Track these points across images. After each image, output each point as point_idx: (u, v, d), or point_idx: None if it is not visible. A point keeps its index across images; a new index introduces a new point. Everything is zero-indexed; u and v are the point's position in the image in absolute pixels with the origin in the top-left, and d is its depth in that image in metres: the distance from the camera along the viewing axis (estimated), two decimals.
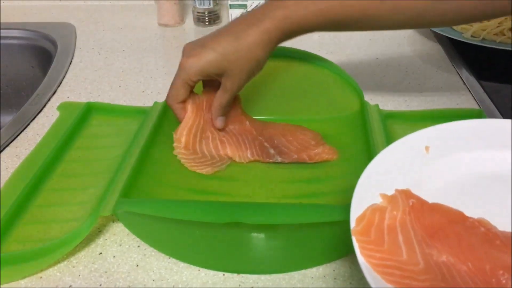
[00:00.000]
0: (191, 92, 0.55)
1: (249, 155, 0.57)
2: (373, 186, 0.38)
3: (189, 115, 0.56)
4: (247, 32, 0.49)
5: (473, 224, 0.35)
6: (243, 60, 0.50)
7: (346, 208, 0.37)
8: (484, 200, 0.38)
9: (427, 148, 0.42)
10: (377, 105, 0.61)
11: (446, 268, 0.32)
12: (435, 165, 0.41)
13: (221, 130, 0.58)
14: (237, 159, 0.57)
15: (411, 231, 0.34)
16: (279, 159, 0.57)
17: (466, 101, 0.67)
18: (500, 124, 0.43)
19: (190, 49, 0.52)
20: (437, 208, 0.36)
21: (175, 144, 0.56)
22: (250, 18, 0.50)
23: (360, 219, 0.35)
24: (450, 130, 0.43)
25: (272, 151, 0.57)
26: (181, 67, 0.52)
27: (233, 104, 0.58)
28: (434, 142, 0.42)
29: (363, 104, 0.60)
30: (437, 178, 0.40)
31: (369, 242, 0.33)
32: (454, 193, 0.39)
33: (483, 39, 0.77)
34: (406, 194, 0.37)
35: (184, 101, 0.55)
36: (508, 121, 0.42)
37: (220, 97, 0.54)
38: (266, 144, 0.58)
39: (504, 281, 0.31)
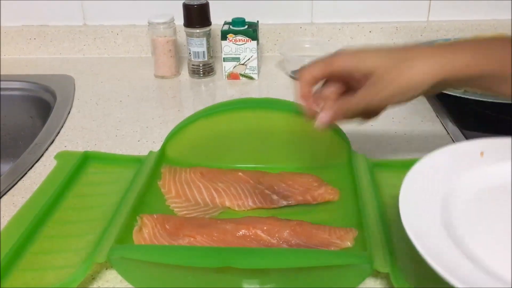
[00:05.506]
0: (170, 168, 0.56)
1: (250, 203, 0.57)
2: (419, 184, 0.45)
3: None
4: (419, 54, 0.46)
5: None
6: (401, 74, 0.45)
7: (332, 253, 0.38)
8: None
9: (482, 153, 0.48)
10: (364, 155, 0.63)
11: None
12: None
13: (213, 181, 0.59)
14: (236, 208, 0.57)
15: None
16: (285, 203, 0.57)
17: None
18: None
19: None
20: None
21: (166, 196, 0.58)
22: (424, 46, 0.47)
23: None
24: (503, 142, 0.49)
25: (275, 197, 0.57)
26: (335, 52, 0.48)
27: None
28: (488, 150, 0.48)
29: (350, 154, 0.62)
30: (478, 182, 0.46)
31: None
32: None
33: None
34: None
35: (306, 81, 0.49)
36: None
37: (350, 102, 0.47)
38: (267, 191, 0.58)
39: None
